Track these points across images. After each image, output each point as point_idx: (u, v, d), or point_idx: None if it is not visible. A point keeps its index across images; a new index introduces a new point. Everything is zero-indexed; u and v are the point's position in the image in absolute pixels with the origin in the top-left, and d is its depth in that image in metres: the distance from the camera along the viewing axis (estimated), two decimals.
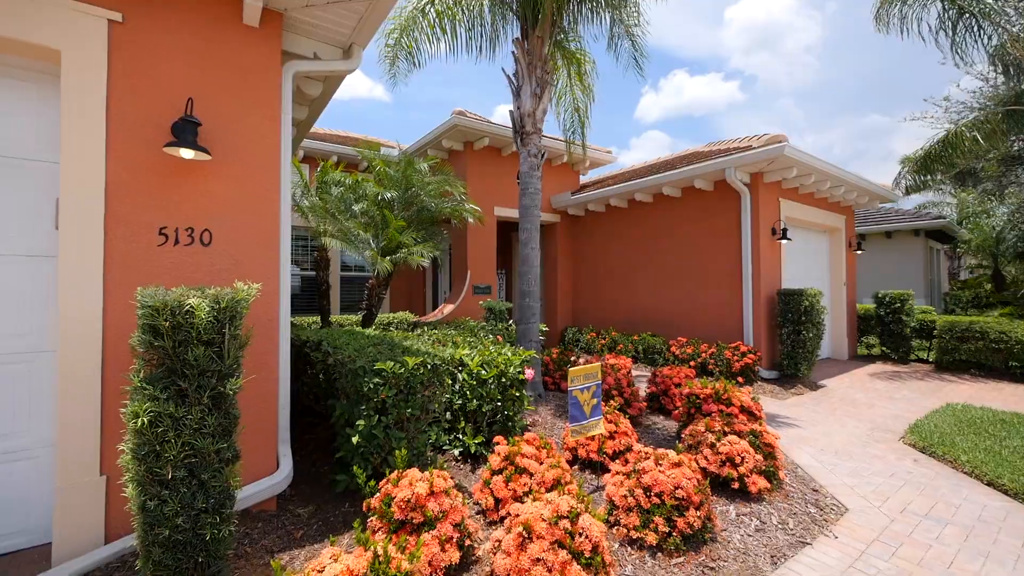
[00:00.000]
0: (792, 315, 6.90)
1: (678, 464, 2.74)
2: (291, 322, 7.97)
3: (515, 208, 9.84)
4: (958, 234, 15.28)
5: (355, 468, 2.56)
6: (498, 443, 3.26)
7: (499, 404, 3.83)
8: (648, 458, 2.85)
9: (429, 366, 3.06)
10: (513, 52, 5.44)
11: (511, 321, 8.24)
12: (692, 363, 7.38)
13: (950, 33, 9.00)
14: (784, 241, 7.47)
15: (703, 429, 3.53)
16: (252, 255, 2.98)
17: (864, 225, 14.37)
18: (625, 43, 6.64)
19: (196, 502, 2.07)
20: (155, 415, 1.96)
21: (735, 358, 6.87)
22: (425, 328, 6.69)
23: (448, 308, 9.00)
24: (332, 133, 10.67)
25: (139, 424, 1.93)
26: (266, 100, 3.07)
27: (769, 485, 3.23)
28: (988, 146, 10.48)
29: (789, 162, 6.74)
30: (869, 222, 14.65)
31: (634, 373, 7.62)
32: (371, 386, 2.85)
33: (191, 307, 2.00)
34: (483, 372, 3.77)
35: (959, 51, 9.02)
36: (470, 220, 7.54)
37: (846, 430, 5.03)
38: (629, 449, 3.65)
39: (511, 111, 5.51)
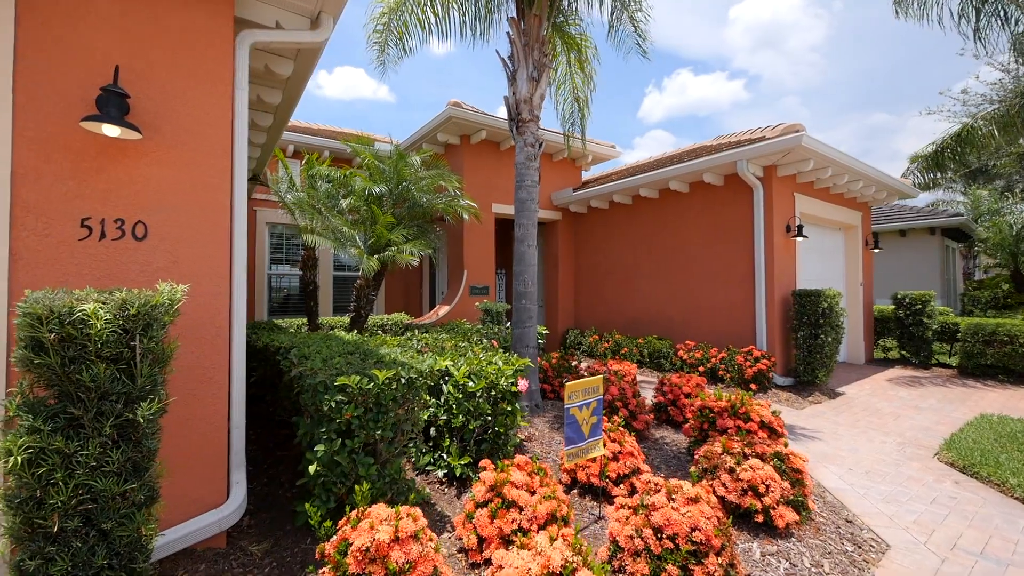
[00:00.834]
0: (809, 318, 6.44)
1: (695, 500, 2.30)
2: (276, 324, 7.58)
3: (513, 204, 9.42)
4: (975, 232, 14.75)
5: (308, 506, 2.14)
6: (484, 468, 2.84)
7: (489, 419, 3.41)
8: (659, 490, 2.41)
9: (403, 380, 2.64)
10: (508, 33, 5.02)
11: (509, 324, 7.81)
12: (701, 368, 6.94)
13: (972, 19, 8.52)
14: (799, 239, 7.01)
15: (720, 451, 3.09)
16: (196, 251, 2.57)
17: (876, 223, 13.86)
18: (628, 28, 6.22)
19: (95, 558, 1.65)
20: (36, 451, 1.55)
21: (747, 364, 6.42)
22: (415, 332, 6.28)
23: (443, 310, 8.58)
24: (324, 128, 10.27)
25: (12, 464, 1.52)
26: (215, 73, 2.66)
27: (798, 518, 2.79)
28: (1004, 140, 10.02)
29: (806, 154, 6.28)
30: (882, 220, 14.14)
31: (639, 378, 7.19)
32: (333, 404, 2.43)
33: (83, 315, 1.59)
34: (470, 384, 3.34)
35: (982, 38, 8.54)
36: (465, 217, 7.12)
37: (873, 445, 4.58)
38: (636, 472, 3.22)
39: (506, 97, 5.08)
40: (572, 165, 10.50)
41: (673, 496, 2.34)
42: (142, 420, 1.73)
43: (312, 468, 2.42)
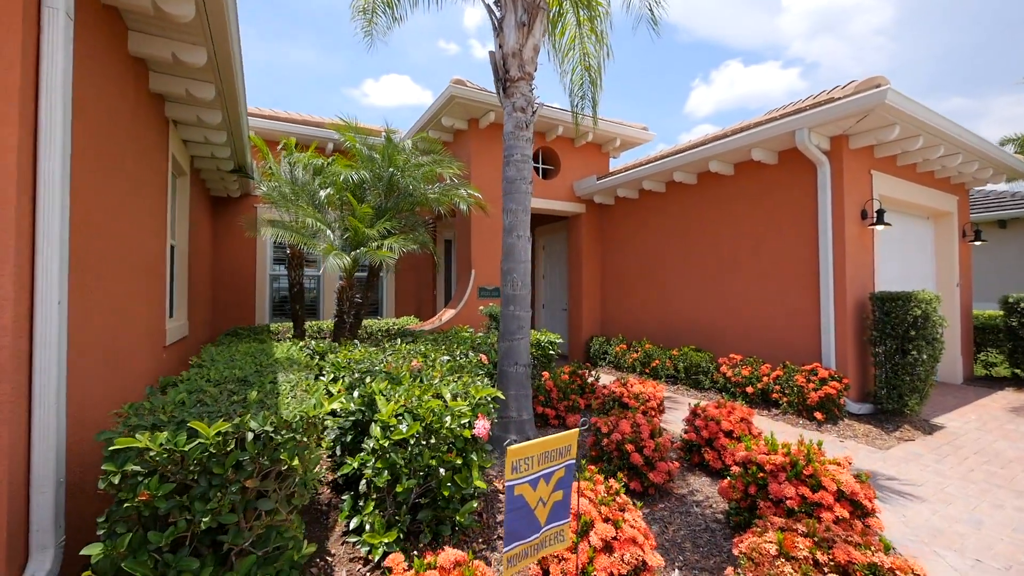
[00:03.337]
0: (894, 328, 4.99)
1: None
2: (265, 329, 6.93)
3: (534, 197, 8.32)
4: None
5: None
6: (390, 569, 1.85)
7: (437, 471, 2.41)
8: None
9: (253, 436, 1.69)
10: None
11: None
12: (749, 389, 5.62)
13: None
14: (879, 227, 5.55)
15: (775, 550, 1.94)
16: None
17: (970, 211, 11.67)
18: None
19: None
20: None
21: (811, 386, 5.06)
22: (400, 340, 5.38)
23: (448, 314, 7.68)
24: (331, 122, 9.64)
25: None
26: None
27: None
28: None
29: (891, 115, 4.85)
30: (976, 208, 11.93)
31: (672, 397, 5.94)
32: (115, 480, 1.52)
33: None
34: (401, 427, 2.36)
35: None
36: (463, 208, 6.17)
37: (1005, 514, 3.19)
38: (641, 568, 2.12)
39: (491, 52, 4.07)
40: (598, 151, 9.33)
41: None
42: None
43: None
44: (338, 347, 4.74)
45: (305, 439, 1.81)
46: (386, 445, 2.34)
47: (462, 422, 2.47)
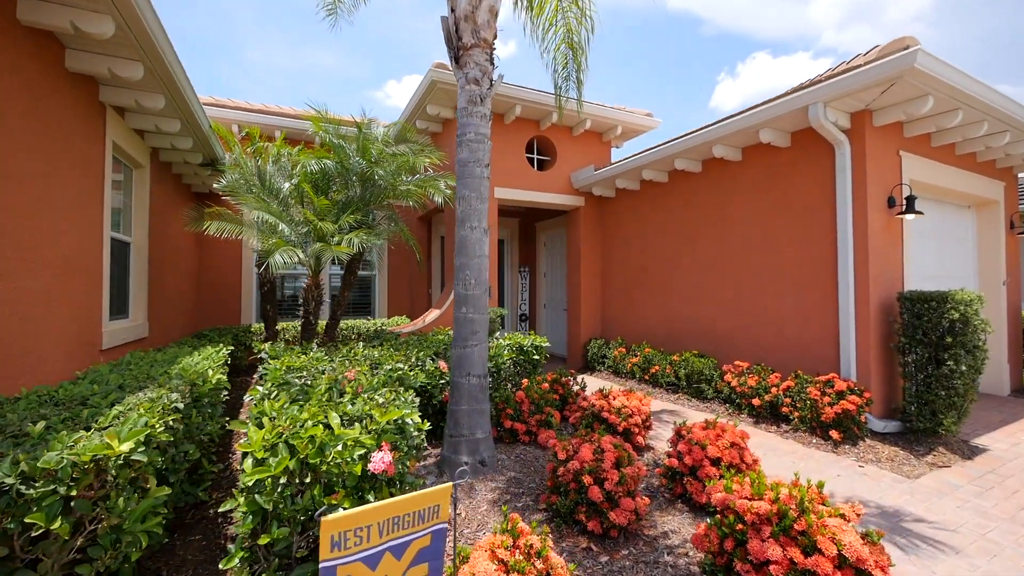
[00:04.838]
0: (926, 334, 4.27)
1: None
2: (243, 331, 6.61)
3: (526, 190, 7.86)
4: None
5: None
6: None
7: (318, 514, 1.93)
8: None
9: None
10: None
11: (502, 333, 6.29)
12: (756, 402, 4.97)
13: None
14: (909, 217, 4.81)
15: None
16: None
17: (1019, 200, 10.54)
18: None
19: None
20: None
21: (826, 399, 4.38)
22: (363, 344, 4.94)
23: (432, 315, 7.23)
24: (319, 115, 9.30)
25: None
26: None
27: None
28: None
29: (922, 83, 4.13)
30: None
31: (674, 408, 5.32)
32: None
33: None
34: (270, 461, 1.88)
35: None
36: (439, 200, 5.69)
37: None
38: None
39: (444, 18, 3.56)
40: (599, 140, 8.71)
41: None
42: None
43: None
44: (297, 350, 4.33)
45: (75, 491, 1.34)
46: (249, 484, 1.87)
47: (355, 454, 1.97)
